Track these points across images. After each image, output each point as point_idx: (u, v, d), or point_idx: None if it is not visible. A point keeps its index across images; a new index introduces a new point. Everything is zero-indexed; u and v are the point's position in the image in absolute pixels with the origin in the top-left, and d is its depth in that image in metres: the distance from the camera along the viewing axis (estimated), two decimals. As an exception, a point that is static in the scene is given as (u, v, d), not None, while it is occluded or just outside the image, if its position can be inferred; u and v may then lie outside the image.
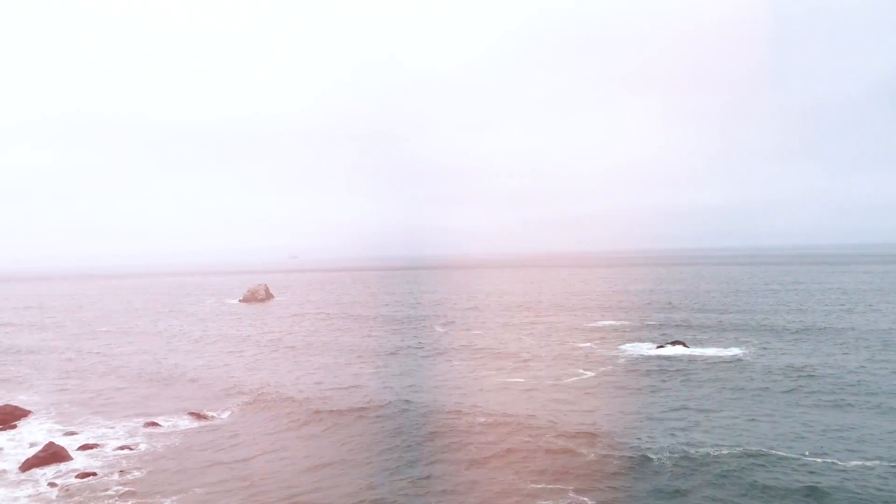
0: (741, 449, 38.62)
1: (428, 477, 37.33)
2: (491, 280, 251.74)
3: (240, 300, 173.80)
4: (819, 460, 36.60)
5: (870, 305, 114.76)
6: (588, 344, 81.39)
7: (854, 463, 36.01)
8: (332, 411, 51.41)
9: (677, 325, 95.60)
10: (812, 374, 59.07)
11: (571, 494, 34.15)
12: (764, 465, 35.93)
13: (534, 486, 35.49)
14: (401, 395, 56.32)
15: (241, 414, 54.06)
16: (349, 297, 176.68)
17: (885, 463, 35.86)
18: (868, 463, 35.98)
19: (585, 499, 33.55)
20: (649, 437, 41.87)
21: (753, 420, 45.60)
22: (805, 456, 37.28)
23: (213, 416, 53.44)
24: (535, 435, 42.60)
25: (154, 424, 50.90)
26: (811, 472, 34.91)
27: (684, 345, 75.61)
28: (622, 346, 78.54)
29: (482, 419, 46.91)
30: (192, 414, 53.76)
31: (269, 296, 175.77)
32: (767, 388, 54.71)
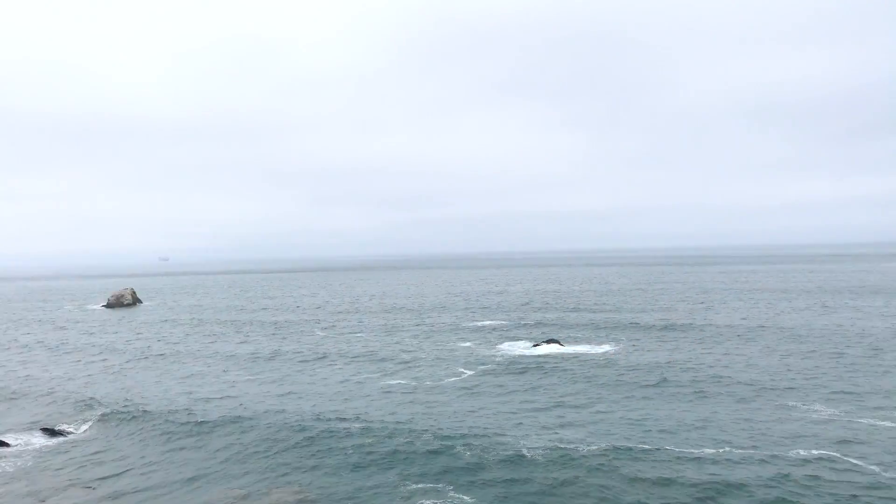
0: (611, 444, 40.42)
1: (308, 484, 36.35)
2: (373, 282, 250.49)
3: (104, 305, 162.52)
4: (678, 450, 38.93)
5: (725, 303, 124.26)
6: (468, 344, 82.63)
7: (709, 451, 38.59)
8: (202, 422, 48.93)
9: (553, 324, 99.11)
10: (676, 368, 62.94)
11: (452, 493, 34.38)
12: (632, 459, 37.74)
13: (415, 486, 35.44)
14: (278, 403, 54.61)
15: (104, 428, 50.32)
16: (225, 302, 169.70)
17: (737, 450, 38.70)
18: (721, 450, 38.67)
19: (465, 497, 33.89)
20: (525, 434, 42.94)
21: (622, 415, 47.89)
22: (668, 448, 39.53)
23: (70, 432, 49.40)
24: (415, 436, 42.56)
25: (1, 444, 46.30)
26: (674, 463, 37.06)
27: (559, 343, 78.44)
28: (500, 346, 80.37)
29: (363, 423, 46.34)
30: (46, 430, 49.42)
31: (136, 300, 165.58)
32: (636, 383, 57.69)
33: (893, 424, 42.85)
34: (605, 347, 76.77)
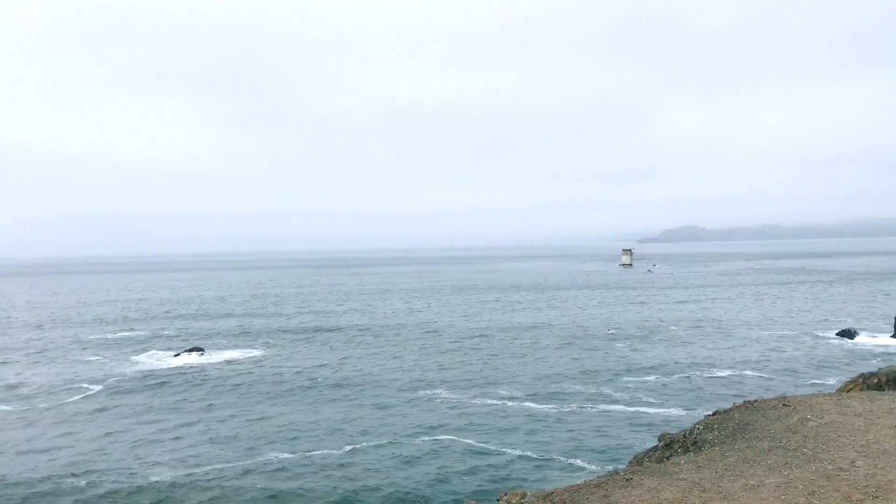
0: (255, 457, 39.32)
1: None
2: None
3: None
4: (321, 452, 39.62)
5: (370, 304, 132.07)
6: (97, 358, 73.38)
7: (348, 447, 40.04)
8: None
9: (199, 332, 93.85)
10: (325, 370, 64.36)
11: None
12: (275, 471, 37.09)
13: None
14: None
15: None
16: None
17: (375, 440, 40.88)
18: (360, 445, 40.44)
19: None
20: (159, 458, 39.43)
21: (271, 423, 46.99)
22: (316, 451, 39.93)
23: None
24: (23, 474, 35.93)
25: None
26: (317, 467, 37.47)
27: (203, 351, 74.40)
28: (136, 358, 73.05)
29: (-55, 468, 37.54)
30: None
31: None
32: (285, 388, 57.31)
33: (497, 402, 49.88)
34: (255, 353, 75.20)
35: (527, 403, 49.67)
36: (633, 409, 47.77)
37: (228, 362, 69.48)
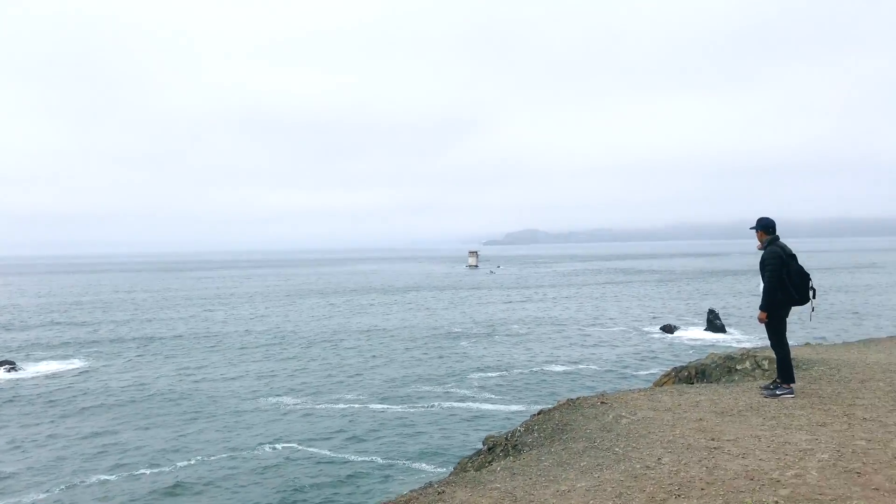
0: (76, 484, 36.03)
1: None
2: None
3: None
4: (152, 470, 37.04)
5: (210, 310, 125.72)
6: None
7: (182, 463, 37.73)
8: None
9: (8, 344, 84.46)
10: (156, 383, 60.28)
11: None
12: (109, 493, 34.28)
13: None
14: None
15: None
16: None
17: (210, 457, 38.78)
18: (197, 460, 38.24)
19: None
20: (-41, 486, 34.91)
21: (92, 442, 43.24)
22: (143, 471, 37.22)
23: None
24: None
25: None
26: (150, 490, 34.98)
27: (14, 364, 66.99)
28: (-68, 378, 64.33)
29: None
30: None
31: None
32: (112, 403, 53.06)
33: (345, 407, 49.34)
34: (78, 364, 68.99)
35: (375, 406, 49.47)
36: (476, 406, 49.07)
37: (46, 376, 63.12)
